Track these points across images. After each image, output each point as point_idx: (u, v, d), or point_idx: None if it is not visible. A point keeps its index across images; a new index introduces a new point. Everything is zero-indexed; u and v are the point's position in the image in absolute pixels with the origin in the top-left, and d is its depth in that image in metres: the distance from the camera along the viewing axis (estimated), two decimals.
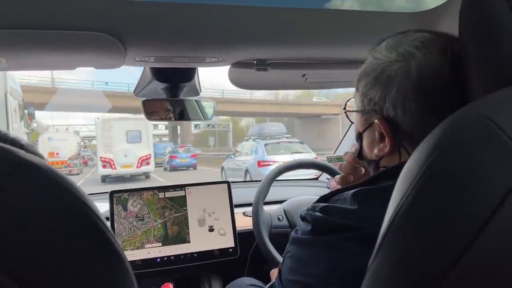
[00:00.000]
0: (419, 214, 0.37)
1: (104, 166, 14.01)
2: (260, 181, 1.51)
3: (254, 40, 0.97)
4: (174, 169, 18.46)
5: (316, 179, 2.00)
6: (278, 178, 1.41)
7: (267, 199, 1.39)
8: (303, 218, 0.66)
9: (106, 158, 13.93)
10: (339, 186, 0.85)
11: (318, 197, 1.04)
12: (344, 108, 0.78)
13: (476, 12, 0.51)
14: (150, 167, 14.45)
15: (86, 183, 14.29)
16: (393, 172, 0.59)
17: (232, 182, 1.47)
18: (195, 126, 28.07)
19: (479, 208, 0.34)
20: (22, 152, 0.35)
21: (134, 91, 1.32)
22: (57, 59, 0.94)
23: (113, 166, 13.94)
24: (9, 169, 0.32)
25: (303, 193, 1.68)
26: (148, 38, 0.90)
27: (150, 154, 14.38)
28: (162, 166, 20.10)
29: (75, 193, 0.35)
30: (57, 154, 16.25)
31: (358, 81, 0.69)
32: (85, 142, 32.87)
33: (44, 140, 16.18)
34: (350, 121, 0.76)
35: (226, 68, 1.13)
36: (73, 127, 26.14)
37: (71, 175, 15.79)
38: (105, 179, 14.19)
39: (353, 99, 0.74)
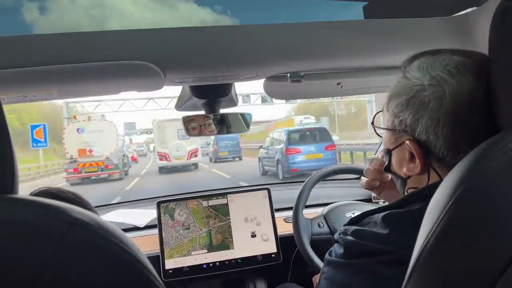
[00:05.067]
0: (451, 241, 0.38)
1: (161, 159, 15.59)
2: (301, 182, 1.47)
3: (287, 55, 0.94)
4: (293, 174, 8.99)
5: (358, 178, 1.92)
6: None
7: (308, 202, 1.35)
8: (336, 241, 0.65)
9: (162, 153, 15.44)
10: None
11: (357, 201, 1.02)
12: (372, 123, 0.73)
13: (507, 26, 0.45)
14: (198, 159, 15.96)
15: (148, 173, 15.74)
16: (421, 195, 0.59)
17: (271, 184, 1.43)
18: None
19: (508, 237, 0.34)
20: (77, 211, 0.35)
21: (175, 106, 1.32)
22: (101, 87, 0.95)
23: (168, 159, 15.41)
24: (64, 228, 0.32)
25: (343, 194, 1.62)
26: (185, 62, 0.89)
27: (197, 148, 15.83)
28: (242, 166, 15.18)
29: (128, 250, 0.35)
30: (90, 151, 11.90)
31: (389, 100, 0.65)
32: (146, 135, 30.77)
33: (72, 132, 11.84)
34: (378, 135, 0.72)
35: None
36: (111, 108, 17.95)
37: (112, 180, 12.11)
38: (161, 169, 15.68)
39: (381, 113, 0.70)
